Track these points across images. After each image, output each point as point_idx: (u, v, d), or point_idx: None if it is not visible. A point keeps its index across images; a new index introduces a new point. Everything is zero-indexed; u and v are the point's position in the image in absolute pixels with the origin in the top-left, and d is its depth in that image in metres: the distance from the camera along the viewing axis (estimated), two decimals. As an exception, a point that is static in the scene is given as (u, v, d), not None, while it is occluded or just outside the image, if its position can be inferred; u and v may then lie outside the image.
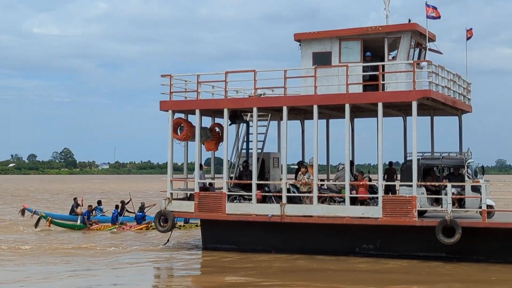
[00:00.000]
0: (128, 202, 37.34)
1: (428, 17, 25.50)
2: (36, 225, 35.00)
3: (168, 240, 28.20)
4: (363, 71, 25.06)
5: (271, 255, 24.89)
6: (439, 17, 25.26)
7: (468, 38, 28.28)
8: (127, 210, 36.89)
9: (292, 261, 23.72)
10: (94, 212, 36.76)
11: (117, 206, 36.58)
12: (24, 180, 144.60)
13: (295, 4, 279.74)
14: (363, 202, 24.39)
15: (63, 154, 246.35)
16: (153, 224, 30.27)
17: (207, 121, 28.83)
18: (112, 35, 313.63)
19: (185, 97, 27.94)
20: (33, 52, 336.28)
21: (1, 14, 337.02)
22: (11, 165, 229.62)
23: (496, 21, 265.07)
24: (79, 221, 35.24)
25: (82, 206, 36.94)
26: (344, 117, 24.96)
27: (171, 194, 27.05)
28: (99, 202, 38.83)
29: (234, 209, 25.66)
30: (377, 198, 23.74)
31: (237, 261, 24.00)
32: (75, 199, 38.22)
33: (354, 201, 24.28)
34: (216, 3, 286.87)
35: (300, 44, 26.34)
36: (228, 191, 26.02)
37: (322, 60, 25.65)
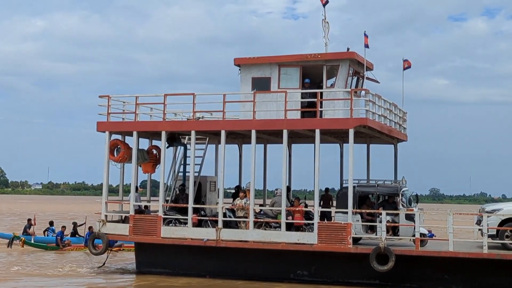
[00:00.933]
0: (81, 225, 36.64)
1: (366, 46, 26.07)
2: (9, 245, 34.64)
3: (104, 264, 27.77)
4: (302, 97, 25.33)
5: (205, 279, 24.72)
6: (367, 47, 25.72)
7: (405, 69, 28.95)
8: (77, 233, 36.42)
9: (226, 286, 23.61)
10: (55, 232, 36.36)
11: (64, 227, 36.13)
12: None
13: (235, 28, 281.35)
14: (298, 228, 24.53)
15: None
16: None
17: (145, 143, 28.63)
18: (48, 53, 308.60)
19: (123, 119, 27.70)
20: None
21: None
22: None
23: (431, 52, 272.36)
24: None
25: (35, 225, 36.53)
26: (282, 143, 25.14)
27: (106, 216, 26.68)
28: (51, 223, 38.23)
29: (169, 233, 25.43)
30: (312, 224, 23.92)
31: (170, 286, 23.74)
32: (28, 220, 37.65)
33: (290, 227, 24.40)
34: (154, 24, 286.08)
35: (239, 69, 26.52)
36: (163, 214, 25.78)
37: (261, 85, 25.86)
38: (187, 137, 28.23)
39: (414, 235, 23.15)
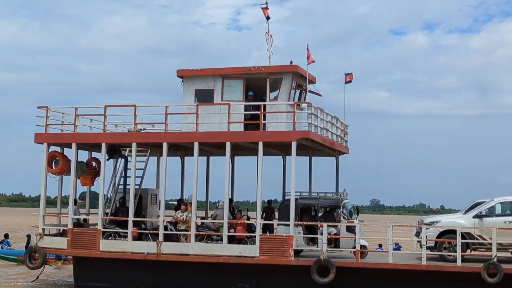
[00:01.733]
0: None
1: (308, 59, 26.35)
2: None
3: (37, 277, 27.24)
4: (245, 110, 25.40)
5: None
6: (312, 62, 26.04)
7: (347, 82, 29.33)
8: None
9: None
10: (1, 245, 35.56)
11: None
12: None
13: (178, 38, 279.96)
14: (240, 240, 24.56)
15: None
16: None
17: (84, 155, 28.21)
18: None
19: (62, 130, 27.29)
20: None
21: None
22: None
23: (373, 65, 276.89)
24: None
25: None
26: (224, 155, 25.15)
27: (43, 229, 26.23)
28: (6, 236, 37.35)
29: (108, 246, 25.15)
30: (254, 237, 23.99)
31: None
32: None
33: (232, 239, 24.42)
34: (96, 34, 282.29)
35: (182, 80, 26.41)
36: (103, 228, 25.48)
37: (204, 97, 25.83)
38: (128, 149, 27.98)
39: (354, 247, 23.45)
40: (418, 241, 24.20)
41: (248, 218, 26.01)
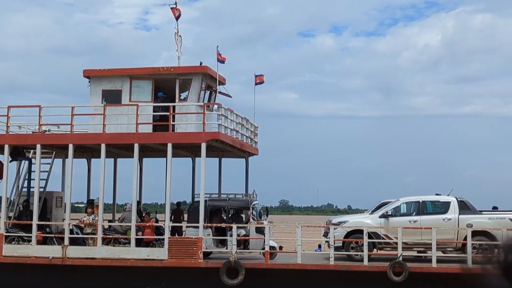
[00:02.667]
0: None
1: (218, 61, 26.39)
2: None
3: None
4: (154, 111, 25.18)
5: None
6: (223, 62, 26.09)
7: (257, 84, 29.50)
8: None
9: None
10: None
11: None
12: None
13: (85, 38, 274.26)
14: (149, 243, 24.31)
15: None
16: None
17: (-14, 157, 27.32)
18: None
19: (-38, 131, 26.34)
20: None
21: None
22: None
23: (282, 67, 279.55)
24: None
25: None
26: (133, 157, 24.85)
27: None
28: None
29: (11, 251, 24.46)
30: (163, 239, 23.80)
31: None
32: None
33: (140, 242, 24.15)
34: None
35: (89, 81, 25.91)
36: (5, 232, 24.78)
37: (112, 98, 25.44)
38: (32, 151, 27.22)
39: (264, 248, 23.60)
40: (326, 241, 24.61)
41: (157, 221, 25.79)
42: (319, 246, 29.98)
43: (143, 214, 25.77)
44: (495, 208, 24.54)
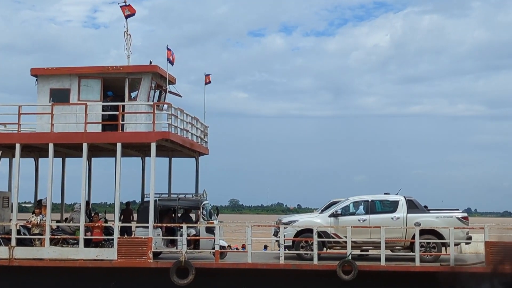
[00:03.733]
0: None
1: (168, 60, 26.25)
2: None
3: None
4: (103, 110, 24.92)
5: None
6: (172, 63, 25.91)
7: (207, 83, 29.52)
8: None
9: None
10: None
11: None
12: None
13: (32, 35, 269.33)
14: (98, 244, 24.07)
15: None
16: None
17: None
18: None
19: None
20: None
21: None
22: None
23: (232, 66, 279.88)
24: None
25: None
26: (81, 156, 24.56)
27: None
28: None
29: (-44, 253, 23.95)
30: (112, 239, 23.60)
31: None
32: None
33: (88, 243, 23.89)
34: None
35: (37, 79, 25.49)
36: (-50, 233, 24.23)
37: (60, 97, 25.09)
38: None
39: (214, 248, 23.59)
40: (276, 241, 24.71)
41: (106, 221, 25.57)
42: (265, 246, 30.14)
43: (92, 214, 25.49)
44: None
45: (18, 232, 24.12)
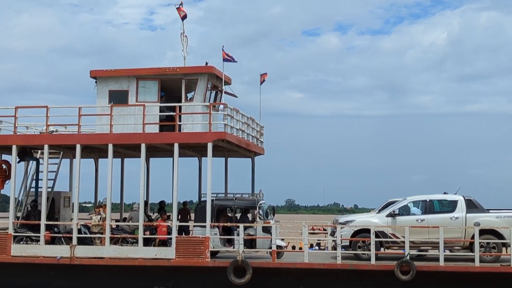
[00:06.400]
0: None
1: (224, 60, 26.33)
2: None
3: None
4: (160, 111, 25.14)
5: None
6: (233, 60, 26.07)
7: (262, 82, 29.45)
8: None
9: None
10: None
11: None
12: None
13: (90, 38, 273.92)
14: (164, 242, 24.30)
15: None
16: None
17: (-6, 157, 27.33)
18: None
19: (-32, 131, 26.38)
20: None
21: None
22: None
23: (286, 66, 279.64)
24: None
25: None
26: (140, 156, 24.83)
27: (-50, 235, 25.30)
28: None
29: (20, 251, 24.49)
30: (170, 239, 23.76)
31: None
32: None
33: (147, 242, 24.12)
34: (2, 32, 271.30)
35: (96, 81, 25.87)
36: (14, 232, 24.78)
37: (118, 98, 25.38)
38: (39, 151, 27.20)
39: (271, 247, 23.53)
40: (333, 241, 24.52)
41: (168, 217, 25.74)
42: (312, 245, 29.75)
43: (155, 214, 25.74)
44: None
45: (79, 231, 24.51)
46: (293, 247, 28.56)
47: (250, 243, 23.95)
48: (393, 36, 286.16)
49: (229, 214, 25.68)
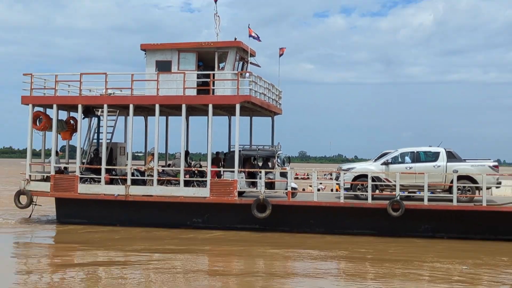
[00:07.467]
0: None
1: (250, 36, 26.15)
2: None
3: (30, 215, 26.71)
4: (197, 78, 25.10)
5: (115, 227, 24.23)
6: (259, 39, 25.97)
7: (280, 55, 29.18)
8: None
9: (132, 232, 23.24)
10: None
11: None
12: None
13: (140, 18, 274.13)
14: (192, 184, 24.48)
15: None
16: None
17: (63, 115, 27.50)
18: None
19: (44, 93, 26.48)
20: None
21: None
22: None
23: (301, 43, 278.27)
24: None
25: None
26: (181, 115, 24.92)
27: (30, 176, 25.64)
28: None
29: (85, 190, 24.80)
30: (205, 181, 23.95)
31: (88, 230, 23.21)
32: None
33: (187, 183, 24.33)
34: (70, 13, 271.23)
35: (145, 53, 25.79)
36: (80, 174, 25.08)
37: (163, 67, 25.35)
38: (100, 109, 27.33)
39: (286, 189, 23.63)
40: (337, 184, 24.54)
41: (200, 166, 25.90)
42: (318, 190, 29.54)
43: (190, 162, 25.92)
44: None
45: (132, 174, 24.75)
46: (303, 189, 28.62)
47: (269, 185, 24.08)
48: (389, 18, 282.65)
49: (253, 162, 25.77)
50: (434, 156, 23.59)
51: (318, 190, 25.10)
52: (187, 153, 26.81)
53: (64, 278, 15.37)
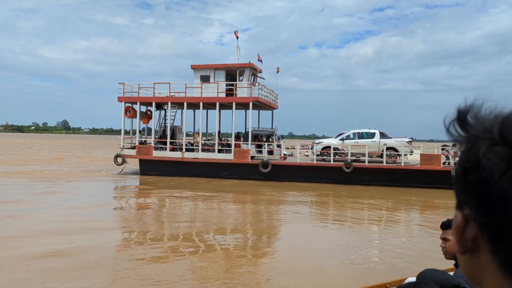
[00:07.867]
0: None
1: (258, 61, 25.86)
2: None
3: (122, 170, 26.88)
4: (226, 86, 24.92)
5: (174, 177, 24.28)
6: (261, 62, 25.73)
7: (277, 72, 28.95)
8: None
9: (188, 180, 23.23)
10: None
11: None
12: None
13: (190, 48, 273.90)
14: (222, 151, 24.40)
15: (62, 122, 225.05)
16: None
17: (144, 108, 27.41)
18: (90, 59, 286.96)
19: (131, 95, 26.43)
20: None
21: None
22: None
23: (290, 64, 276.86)
24: None
25: None
26: (215, 109, 24.81)
27: (123, 145, 25.71)
28: None
29: (157, 154, 24.81)
30: (231, 149, 23.91)
31: (159, 179, 23.28)
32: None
33: (220, 151, 24.29)
34: (147, 47, 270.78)
35: (194, 70, 25.63)
36: (154, 145, 25.07)
37: (205, 79, 25.17)
38: (166, 105, 27.30)
39: (280, 155, 23.54)
40: (312, 152, 24.41)
41: (228, 140, 25.79)
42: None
43: (222, 138, 25.74)
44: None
45: (186, 145, 24.72)
46: (291, 154, 28.51)
47: (270, 152, 24.01)
48: (345, 49, 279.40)
49: (260, 138, 25.66)
50: (372, 135, 23.35)
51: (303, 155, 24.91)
52: (219, 132, 26.74)
53: (146, 202, 15.90)
